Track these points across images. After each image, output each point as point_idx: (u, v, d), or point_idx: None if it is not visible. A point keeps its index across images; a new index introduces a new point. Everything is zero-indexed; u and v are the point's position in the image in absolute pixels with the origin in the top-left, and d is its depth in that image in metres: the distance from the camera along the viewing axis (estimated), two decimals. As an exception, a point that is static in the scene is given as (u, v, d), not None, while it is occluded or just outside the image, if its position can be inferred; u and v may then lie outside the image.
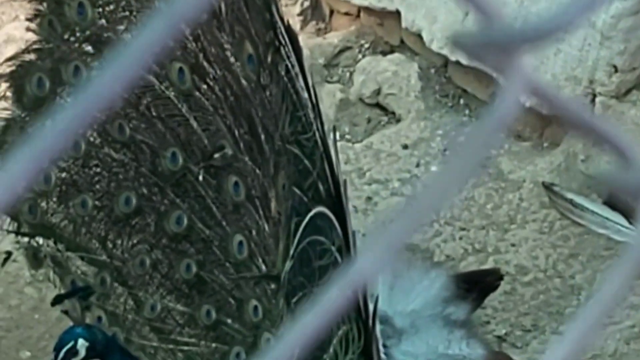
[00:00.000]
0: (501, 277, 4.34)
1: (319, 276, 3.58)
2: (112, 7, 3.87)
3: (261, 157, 3.71)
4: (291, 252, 3.59)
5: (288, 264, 3.58)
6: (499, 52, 0.66)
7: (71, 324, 3.98)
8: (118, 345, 3.79)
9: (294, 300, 3.60)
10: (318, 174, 3.62)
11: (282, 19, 3.74)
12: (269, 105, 3.68)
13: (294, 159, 3.62)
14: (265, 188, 3.72)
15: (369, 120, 5.55)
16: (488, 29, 0.66)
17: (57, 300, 4.00)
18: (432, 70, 5.67)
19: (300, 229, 3.57)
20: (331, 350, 3.62)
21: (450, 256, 5.08)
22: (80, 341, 3.61)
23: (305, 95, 3.61)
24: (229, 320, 3.78)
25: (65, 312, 4.08)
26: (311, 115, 3.62)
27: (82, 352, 3.62)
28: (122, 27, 3.88)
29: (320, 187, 3.63)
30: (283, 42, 3.69)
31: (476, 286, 4.15)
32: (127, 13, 3.88)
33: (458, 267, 4.94)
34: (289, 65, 3.60)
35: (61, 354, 3.61)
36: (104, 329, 3.92)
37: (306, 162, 3.62)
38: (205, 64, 3.86)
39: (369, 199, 5.20)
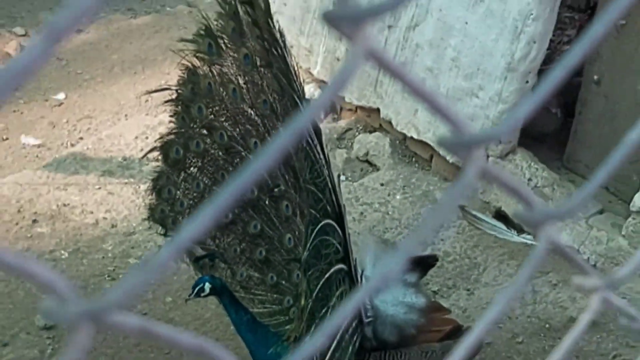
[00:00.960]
0: (437, 259, 4.34)
1: (325, 258, 3.66)
2: (217, 108, 3.97)
3: (299, 190, 3.78)
4: (308, 245, 3.68)
5: (306, 253, 3.69)
6: (463, 148, 0.68)
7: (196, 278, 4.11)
8: (229, 290, 3.95)
9: (309, 273, 3.68)
10: (327, 201, 3.67)
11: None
12: (303, 162, 3.70)
13: (312, 193, 3.69)
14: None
15: (361, 170, 5.77)
16: (455, 135, 0.67)
17: (197, 259, 4.17)
18: (397, 142, 5.85)
19: (314, 232, 3.67)
20: (332, 302, 3.71)
21: (407, 246, 5.29)
22: (207, 284, 3.84)
23: (321, 156, 3.67)
24: (283, 282, 3.95)
25: (201, 267, 4.19)
26: (325, 167, 3.67)
27: (207, 290, 3.85)
28: (222, 119, 3.99)
29: (329, 208, 3.68)
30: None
31: (422, 263, 4.11)
32: (225, 111, 3.98)
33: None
34: (309, 139, 3.64)
35: (195, 290, 3.86)
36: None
37: (319, 194, 3.68)
38: (268, 137, 3.90)
39: (361, 213, 5.41)
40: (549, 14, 4.98)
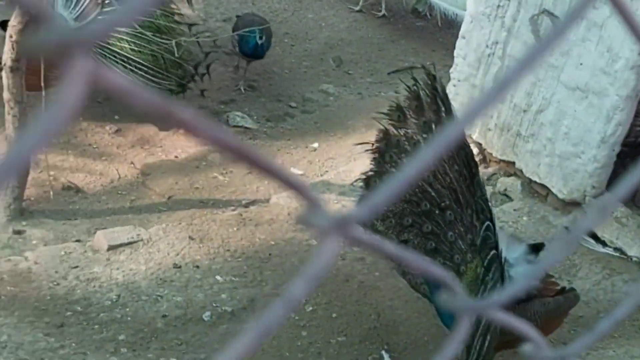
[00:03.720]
0: (544, 245, 3.92)
1: (489, 246, 3.52)
2: (402, 155, 3.87)
3: (466, 204, 3.65)
4: (480, 237, 3.57)
5: (479, 240, 3.60)
6: (323, 228, 0.44)
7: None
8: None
9: (481, 253, 3.55)
10: (488, 213, 3.63)
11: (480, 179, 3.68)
12: (466, 189, 3.64)
13: (479, 205, 3.61)
14: (465, 220, 3.64)
15: (501, 200, 5.35)
16: (313, 214, 0.44)
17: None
18: (525, 183, 5.33)
19: (483, 229, 3.59)
20: (492, 272, 3.46)
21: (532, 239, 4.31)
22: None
23: (484, 191, 3.66)
24: (447, 262, 3.66)
25: None
26: (487, 203, 3.63)
27: None
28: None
29: (488, 216, 3.61)
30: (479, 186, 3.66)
31: (536, 248, 3.79)
32: (407, 157, 3.84)
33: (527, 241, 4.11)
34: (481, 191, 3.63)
35: None
36: None
37: (483, 205, 3.63)
38: (436, 172, 3.75)
39: (500, 228, 4.24)
40: (630, 107, 4.79)
